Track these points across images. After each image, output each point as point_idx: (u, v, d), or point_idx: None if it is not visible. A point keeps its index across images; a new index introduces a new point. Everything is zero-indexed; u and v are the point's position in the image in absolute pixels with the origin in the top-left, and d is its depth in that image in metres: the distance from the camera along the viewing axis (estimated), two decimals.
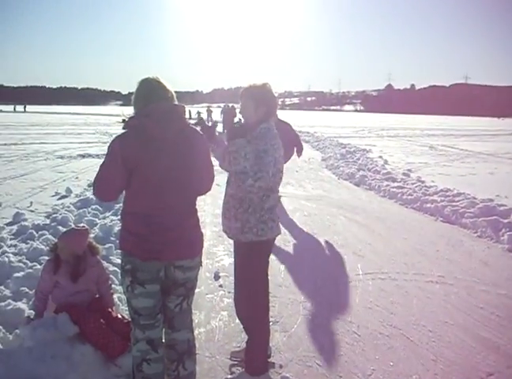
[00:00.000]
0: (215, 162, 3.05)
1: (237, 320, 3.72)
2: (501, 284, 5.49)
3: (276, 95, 3.42)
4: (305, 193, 10.92)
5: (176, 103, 2.84)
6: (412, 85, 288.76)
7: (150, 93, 2.76)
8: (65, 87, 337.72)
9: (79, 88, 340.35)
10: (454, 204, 9.02)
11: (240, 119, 3.66)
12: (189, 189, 2.83)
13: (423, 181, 11.71)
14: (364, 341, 4.09)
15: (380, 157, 17.47)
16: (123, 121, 2.70)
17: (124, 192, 2.79)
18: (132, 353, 2.91)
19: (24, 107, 79.20)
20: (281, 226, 3.59)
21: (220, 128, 30.64)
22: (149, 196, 2.71)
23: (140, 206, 2.73)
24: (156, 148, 2.66)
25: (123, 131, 2.70)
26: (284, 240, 6.98)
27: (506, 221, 7.70)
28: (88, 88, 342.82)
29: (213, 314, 4.58)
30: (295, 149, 9.05)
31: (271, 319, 3.85)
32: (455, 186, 10.91)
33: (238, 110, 3.55)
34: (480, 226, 7.81)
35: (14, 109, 77.45)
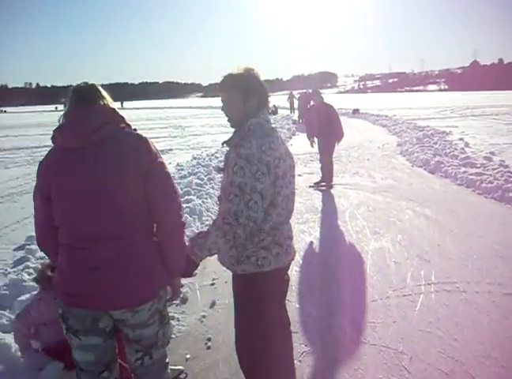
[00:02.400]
0: None
1: None
2: None
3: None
4: (373, 184, 9.98)
5: (106, 104, 2.22)
6: (500, 60, 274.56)
7: (70, 100, 2.21)
8: (146, 82, 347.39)
9: (160, 82, 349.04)
10: None
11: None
12: (126, 215, 2.15)
13: (506, 166, 10.36)
14: None
15: (461, 139, 16.01)
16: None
17: None
18: None
19: (121, 104, 77.22)
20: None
21: (296, 116, 30.04)
22: (67, 222, 2.13)
23: (62, 234, 2.16)
24: (65, 166, 2.10)
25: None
26: (341, 241, 6.22)
27: None
28: (169, 82, 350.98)
29: None
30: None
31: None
32: None
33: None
34: None
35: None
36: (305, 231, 6.79)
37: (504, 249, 5.83)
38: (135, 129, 2.30)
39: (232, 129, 2.63)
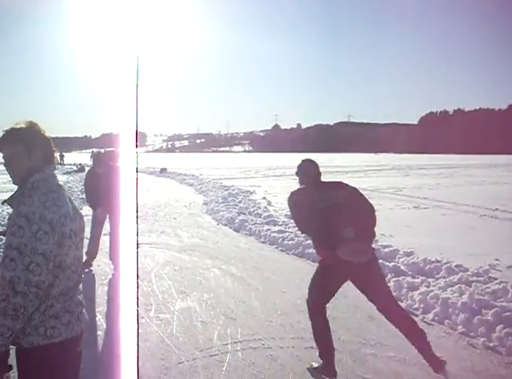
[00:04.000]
0: None
1: None
2: (388, 343, 4.83)
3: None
4: (180, 242, 9.92)
5: None
6: (299, 125, 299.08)
7: None
8: None
9: None
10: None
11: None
12: None
13: None
14: None
15: (264, 198, 16.88)
16: None
17: None
18: None
19: None
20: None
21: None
22: None
23: None
24: None
25: None
26: (146, 304, 5.96)
27: (391, 265, 7.28)
28: None
29: None
30: None
31: None
32: None
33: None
34: None
35: None
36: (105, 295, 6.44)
37: (305, 303, 6.05)
38: None
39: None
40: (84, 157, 37.27)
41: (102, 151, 9.94)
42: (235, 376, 4.14)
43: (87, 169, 33.28)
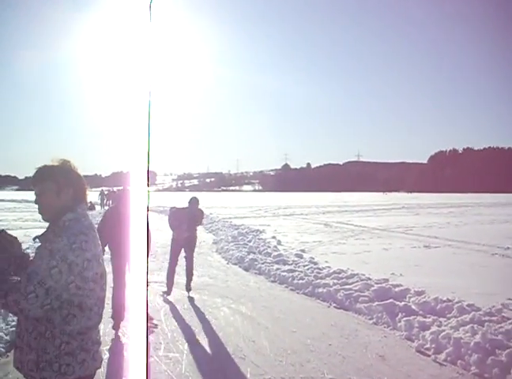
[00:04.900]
0: None
1: None
2: None
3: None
4: None
5: None
6: (308, 164, 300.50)
7: None
8: None
9: None
10: (348, 287, 8.47)
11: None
12: None
13: (315, 263, 11.10)
14: None
15: (273, 237, 16.87)
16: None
17: None
18: None
19: None
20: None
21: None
22: None
23: None
24: None
25: None
26: (156, 343, 5.92)
27: (402, 304, 7.25)
28: None
29: None
30: None
31: None
32: (350, 266, 10.53)
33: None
34: (375, 311, 7.22)
35: None
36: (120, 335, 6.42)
37: (315, 343, 6.03)
38: None
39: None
40: (93, 195, 37.54)
41: (115, 189, 10.29)
42: None
43: (97, 207, 33.74)
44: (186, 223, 8.81)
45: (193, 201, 9.10)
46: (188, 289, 8.82)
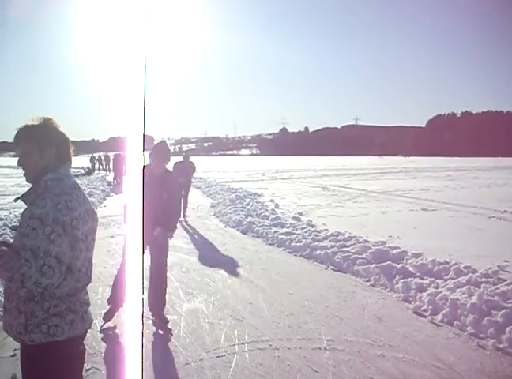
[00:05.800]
0: None
1: None
2: (397, 344, 4.80)
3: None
4: (187, 244, 9.89)
5: None
6: (306, 128, 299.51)
7: None
8: None
9: None
10: (345, 249, 8.47)
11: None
12: None
13: (313, 226, 11.10)
14: None
15: (271, 201, 16.91)
16: None
17: None
18: None
19: None
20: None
21: (111, 177, 29.61)
22: None
23: None
24: None
25: None
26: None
27: (399, 266, 7.26)
28: None
29: None
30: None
31: None
32: (347, 229, 10.55)
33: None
34: (372, 273, 7.25)
35: None
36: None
37: (313, 304, 6.06)
38: None
39: None
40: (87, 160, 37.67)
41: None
42: (242, 377, 4.11)
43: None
44: (184, 172, 13.12)
45: (186, 156, 14.54)
46: (183, 216, 13.21)
